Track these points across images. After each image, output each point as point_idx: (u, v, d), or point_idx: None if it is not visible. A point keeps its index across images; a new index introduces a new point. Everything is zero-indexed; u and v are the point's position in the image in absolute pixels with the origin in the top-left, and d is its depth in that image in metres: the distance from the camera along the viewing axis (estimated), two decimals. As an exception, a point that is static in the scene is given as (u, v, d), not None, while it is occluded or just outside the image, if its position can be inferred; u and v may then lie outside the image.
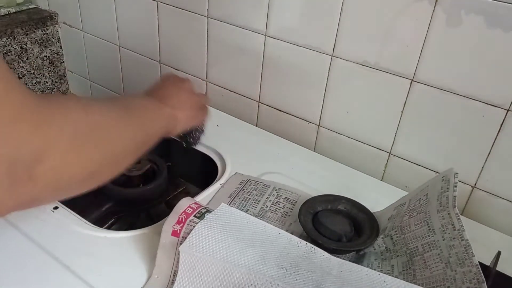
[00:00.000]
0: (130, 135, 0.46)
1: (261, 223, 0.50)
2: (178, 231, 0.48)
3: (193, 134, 0.69)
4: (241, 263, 0.44)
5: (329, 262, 0.46)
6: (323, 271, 0.44)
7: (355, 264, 0.45)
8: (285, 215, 0.59)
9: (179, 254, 0.46)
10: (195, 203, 0.51)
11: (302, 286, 0.42)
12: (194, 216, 0.48)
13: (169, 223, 0.48)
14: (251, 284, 0.42)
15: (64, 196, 0.47)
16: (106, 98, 0.46)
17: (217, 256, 0.44)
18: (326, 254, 0.47)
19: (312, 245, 0.47)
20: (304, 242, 0.48)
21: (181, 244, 0.46)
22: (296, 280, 0.42)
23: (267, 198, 0.61)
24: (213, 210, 0.50)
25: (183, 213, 0.49)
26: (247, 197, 0.61)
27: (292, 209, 0.60)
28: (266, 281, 0.42)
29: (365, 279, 0.43)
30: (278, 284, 0.41)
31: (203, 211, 0.49)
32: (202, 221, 0.47)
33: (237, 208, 0.56)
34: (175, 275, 0.46)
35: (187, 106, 0.60)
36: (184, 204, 0.50)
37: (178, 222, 0.48)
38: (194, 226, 0.47)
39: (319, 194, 0.59)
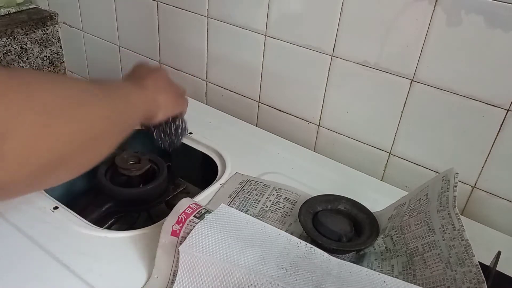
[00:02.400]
0: (107, 115, 0.41)
1: (261, 224, 0.50)
2: (178, 231, 0.48)
3: (176, 127, 0.63)
4: (241, 263, 0.44)
5: (329, 263, 0.46)
6: (323, 272, 0.44)
7: (355, 265, 0.45)
8: (285, 215, 0.59)
9: (178, 254, 0.46)
10: (195, 203, 0.51)
11: (302, 286, 0.42)
12: (194, 216, 0.48)
13: (169, 223, 0.48)
14: (251, 284, 0.42)
15: (38, 186, 0.42)
16: (78, 79, 0.43)
17: (217, 256, 0.44)
18: (326, 254, 0.47)
19: (312, 246, 0.47)
20: (303, 242, 0.48)
21: (180, 244, 0.46)
22: (296, 280, 0.42)
23: (267, 198, 0.61)
24: (213, 211, 0.50)
25: (183, 213, 0.49)
26: (247, 197, 0.61)
27: (292, 209, 0.60)
28: (266, 281, 0.42)
29: (364, 280, 0.43)
30: (278, 284, 0.41)
31: (203, 212, 0.49)
32: (202, 221, 0.47)
33: (237, 208, 0.56)
34: (174, 275, 0.46)
35: (166, 90, 0.57)
36: (184, 204, 0.50)
37: (178, 222, 0.48)
38: (193, 226, 0.47)
39: (319, 194, 0.59)
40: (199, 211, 0.49)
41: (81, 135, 0.37)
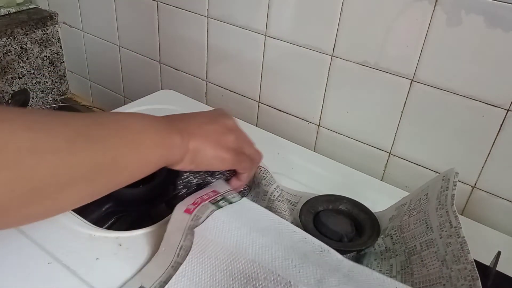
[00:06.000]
0: (71, 162, 0.35)
1: (278, 219, 0.50)
2: (192, 210, 0.48)
3: (203, 177, 0.54)
4: (248, 251, 0.45)
5: (341, 263, 0.45)
6: (331, 268, 0.44)
7: (367, 268, 0.45)
8: (290, 210, 0.59)
9: (188, 230, 0.47)
10: (214, 190, 0.52)
11: (303, 279, 0.42)
12: (209, 202, 0.50)
13: (185, 202, 0.50)
14: (254, 272, 0.43)
15: None
16: (77, 114, 0.39)
17: (228, 242, 0.45)
18: (340, 256, 0.45)
19: (328, 247, 0.46)
20: (319, 242, 0.47)
21: (192, 221, 0.48)
22: (299, 272, 0.42)
23: (274, 189, 0.61)
24: (228, 198, 0.51)
25: (200, 198, 0.50)
26: (257, 191, 0.61)
27: (293, 209, 0.60)
28: (268, 270, 0.42)
29: (375, 283, 0.43)
30: (278, 275, 0.42)
31: (219, 199, 0.50)
32: (221, 209, 0.49)
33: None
34: (181, 249, 0.47)
35: (210, 138, 0.48)
36: (204, 190, 0.52)
37: (194, 204, 0.49)
38: (207, 208, 0.48)
39: (319, 194, 0.59)
40: (215, 197, 0.50)
41: (23, 184, 0.33)
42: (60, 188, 0.35)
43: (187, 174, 0.53)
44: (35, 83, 1.14)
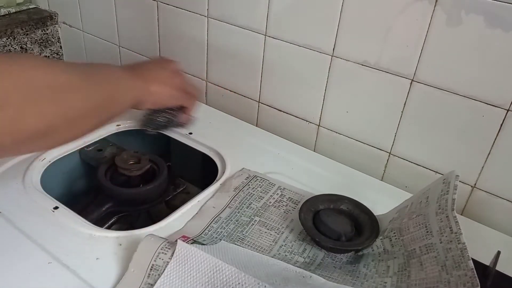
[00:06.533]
0: (91, 98, 0.48)
1: (251, 252, 0.51)
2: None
3: (164, 115, 0.68)
4: (234, 263, 0.44)
5: (325, 285, 0.45)
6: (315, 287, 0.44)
7: None
8: (288, 212, 0.59)
9: (160, 249, 0.46)
10: (183, 236, 0.52)
11: None
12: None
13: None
14: (239, 283, 0.42)
15: (27, 150, 0.53)
16: (74, 62, 0.52)
17: (210, 254, 0.45)
18: (323, 280, 0.46)
19: (310, 274, 0.47)
20: (300, 270, 0.47)
21: (167, 242, 0.47)
22: (286, 286, 0.42)
23: (271, 196, 0.61)
24: (198, 240, 0.51)
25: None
26: (251, 193, 0.61)
27: (294, 208, 0.60)
28: (254, 281, 0.42)
29: None
30: (265, 286, 0.41)
31: (190, 243, 0.50)
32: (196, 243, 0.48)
33: (240, 202, 0.59)
34: (152, 269, 0.46)
35: (164, 82, 0.63)
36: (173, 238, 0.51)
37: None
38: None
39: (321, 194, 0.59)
40: (186, 241, 0.50)
41: (64, 113, 0.44)
42: (82, 118, 0.47)
43: (151, 116, 0.68)
44: (35, 83, 1.14)
